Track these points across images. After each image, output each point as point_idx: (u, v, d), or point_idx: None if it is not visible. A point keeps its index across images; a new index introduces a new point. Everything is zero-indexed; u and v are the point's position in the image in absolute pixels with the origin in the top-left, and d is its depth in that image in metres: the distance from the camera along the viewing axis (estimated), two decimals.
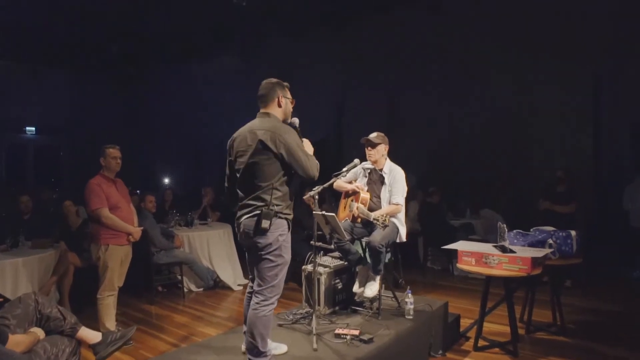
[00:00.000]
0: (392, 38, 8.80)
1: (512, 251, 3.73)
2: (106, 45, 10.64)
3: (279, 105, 2.80)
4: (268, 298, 2.64)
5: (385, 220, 3.30)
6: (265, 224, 2.56)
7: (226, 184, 2.89)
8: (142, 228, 4.44)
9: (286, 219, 2.69)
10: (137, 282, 5.71)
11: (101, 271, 4.10)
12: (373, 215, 3.37)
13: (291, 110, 2.88)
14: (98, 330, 3.51)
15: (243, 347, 2.90)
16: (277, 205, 2.62)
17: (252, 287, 2.82)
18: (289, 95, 2.85)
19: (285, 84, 2.87)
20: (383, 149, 3.77)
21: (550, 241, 4.01)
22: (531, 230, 4.23)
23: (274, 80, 2.83)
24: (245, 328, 2.84)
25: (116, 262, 4.11)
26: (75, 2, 8.40)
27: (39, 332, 2.65)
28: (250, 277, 2.89)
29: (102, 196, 4.05)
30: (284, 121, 2.81)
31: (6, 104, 12.79)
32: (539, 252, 3.74)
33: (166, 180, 11.47)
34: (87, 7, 8.63)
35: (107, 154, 4.20)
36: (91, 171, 4.29)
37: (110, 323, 4.13)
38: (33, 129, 13.93)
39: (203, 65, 11.99)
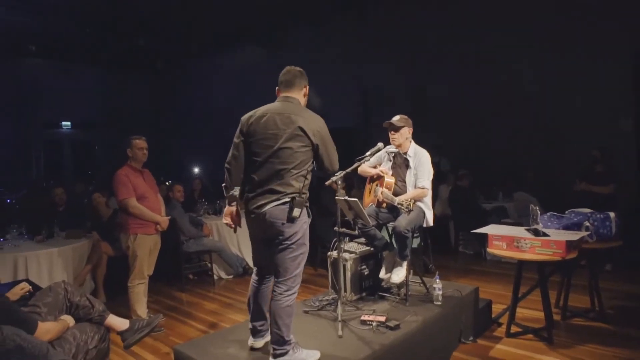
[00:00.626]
0: (418, 22, 8.59)
1: (545, 234, 3.58)
2: (136, 40, 10.82)
3: (304, 95, 2.79)
4: (291, 287, 2.60)
5: (410, 204, 3.21)
6: (296, 212, 2.50)
7: (230, 165, 2.68)
8: (169, 217, 4.48)
9: (308, 207, 2.65)
10: (168, 270, 5.82)
11: (131, 260, 4.18)
12: (397, 199, 3.28)
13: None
14: (130, 317, 3.59)
15: (251, 341, 2.89)
16: (304, 193, 2.57)
17: (257, 278, 2.82)
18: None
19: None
20: (407, 131, 3.66)
21: (587, 224, 3.83)
22: (566, 212, 4.05)
23: (299, 69, 2.81)
24: (250, 325, 2.85)
25: (145, 251, 4.18)
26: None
27: (69, 320, 2.72)
28: (256, 268, 2.86)
29: (129, 186, 4.11)
30: None
31: (42, 101, 13.23)
32: (574, 235, 3.57)
33: (195, 170, 11.62)
34: (117, 4, 8.79)
35: (133, 144, 4.25)
36: (123, 164, 4.36)
37: (142, 310, 4.21)
38: (69, 124, 14.35)
39: (230, 56, 12.03)
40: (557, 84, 7.07)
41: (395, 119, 3.67)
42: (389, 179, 3.63)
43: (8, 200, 8.39)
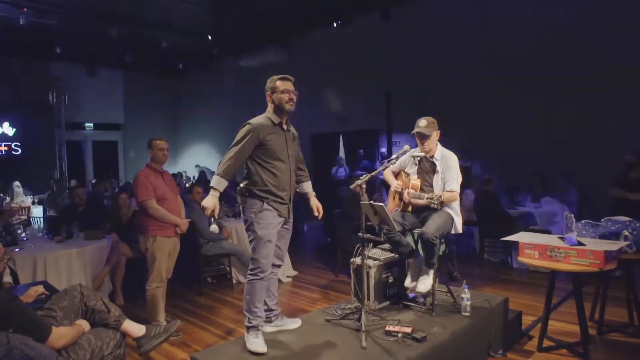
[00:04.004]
0: (442, 21, 8.42)
1: (581, 243, 3.38)
2: (157, 43, 10.91)
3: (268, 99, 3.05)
4: (251, 268, 2.94)
5: (440, 198, 3.08)
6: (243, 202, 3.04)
7: (236, 164, 2.90)
8: (189, 220, 4.41)
9: (262, 200, 2.99)
10: (186, 273, 5.76)
11: (149, 262, 4.10)
12: (427, 195, 3.14)
13: (284, 100, 2.97)
14: (147, 321, 3.51)
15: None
16: (255, 188, 2.98)
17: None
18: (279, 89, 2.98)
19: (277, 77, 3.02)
20: (435, 136, 3.50)
21: (626, 233, 3.60)
22: (602, 220, 3.82)
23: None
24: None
25: (164, 253, 4.10)
26: (127, 5, 8.64)
27: (84, 325, 2.64)
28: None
29: (149, 188, 4.04)
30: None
31: (67, 103, 13.45)
32: (613, 245, 3.36)
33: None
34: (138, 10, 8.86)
35: (154, 145, 4.19)
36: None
37: (160, 314, 4.14)
38: (91, 125, 14.54)
39: (251, 58, 11.99)
40: (588, 85, 6.82)
41: (422, 124, 3.47)
42: (415, 181, 3.48)
43: (34, 200, 8.46)
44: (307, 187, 3.28)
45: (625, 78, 6.48)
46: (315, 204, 3.23)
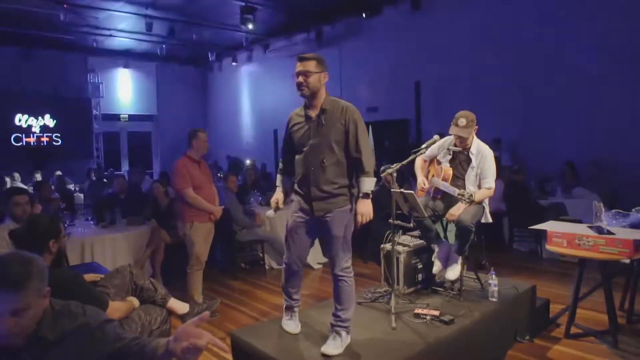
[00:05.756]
0: (474, 11, 8.36)
1: (610, 232, 3.42)
2: (190, 35, 11.18)
3: None
4: None
5: (471, 195, 3.13)
6: None
7: (284, 155, 2.99)
8: (222, 207, 4.62)
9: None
10: (221, 259, 6.00)
11: (189, 247, 4.35)
12: (459, 191, 3.20)
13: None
14: (186, 301, 3.73)
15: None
16: None
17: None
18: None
19: None
20: (473, 131, 3.49)
21: None
22: (633, 210, 3.83)
23: None
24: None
25: (201, 238, 4.33)
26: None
27: (135, 301, 2.86)
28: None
29: (187, 177, 4.26)
30: None
31: (103, 95, 13.96)
32: None
33: (248, 161, 11.87)
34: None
35: (199, 137, 4.40)
36: (178, 155, 4.53)
37: (198, 295, 4.38)
38: (126, 116, 15.01)
39: (279, 50, 12.14)
40: (620, 74, 6.69)
41: (462, 124, 3.39)
42: (447, 170, 3.53)
43: (74, 189, 8.87)
44: (361, 184, 2.71)
45: None
46: (360, 210, 2.69)
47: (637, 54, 6.56)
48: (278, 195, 2.99)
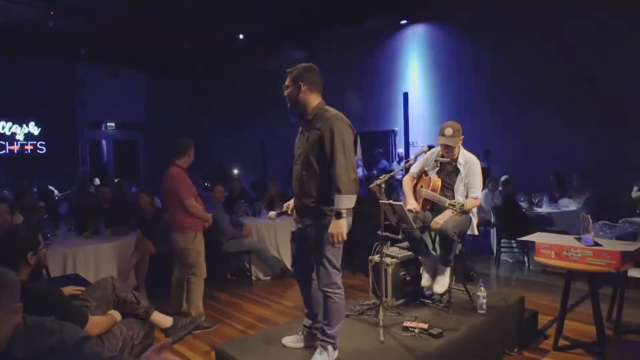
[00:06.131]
0: (458, 24, 8.45)
1: (597, 244, 3.42)
2: (179, 46, 11.14)
3: None
4: None
5: (463, 205, 3.11)
6: None
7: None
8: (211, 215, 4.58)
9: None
10: (207, 270, 5.89)
11: (194, 257, 4.31)
12: (449, 201, 3.18)
13: None
14: (171, 314, 3.66)
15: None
16: None
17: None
18: None
19: None
20: (459, 141, 3.50)
21: None
22: (620, 221, 3.86)
23: None
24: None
25: (203, 247, 4.39)
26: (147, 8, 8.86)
27: (116, 315, 2.78)
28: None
29: (191, 187, 4.31)
30: None
31: (89, 103, 13.80)
32: (629, 246, 3.40)
33: (235, 171, 11.81)
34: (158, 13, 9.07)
35: (192, 147, 4.39)
36: (165, 164, 4.46)
37: (201, 305, 4.35)
38: (112, 124, 14.86)
39: (269, 60, 12.13)
40: (606, 87, 6.79)
41: (448, 133, 3.41)
42: (436, 180, 3.53)
43: (57, 197, 8.72)
44: (335, 202, 2.52)
45: None
46: (330, 229, 2.52)
47: (623, 70, 6.66)
48: (292, 201, 2.91)
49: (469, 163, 3.50)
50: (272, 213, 3.13)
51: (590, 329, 3.73)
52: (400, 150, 9.71)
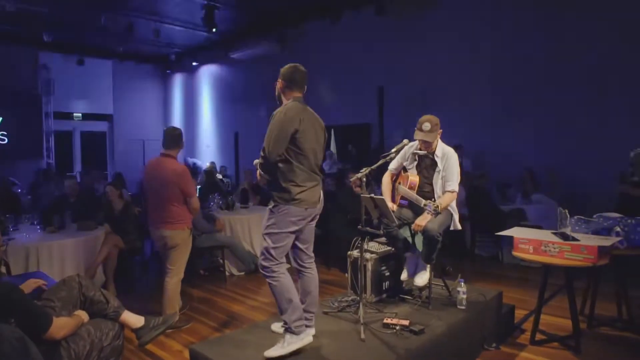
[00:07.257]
0: (435, 17, 8.44)
1: (574, 239, 3.44)
2: (148, 34, 10.79)
3: None
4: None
5: (437, 207, 3.05)
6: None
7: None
8: None
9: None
10: None
11: (180, 254, 4.10)
12: (424, 202, 3.12)
13: None
14: (155, 312, 3.51)
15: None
16: None
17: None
18: None
19: None
20: (437, 135, 3.44)
21: (618, 229, 3.67)
22: (594, 216, 3.89)
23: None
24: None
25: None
26: None
27: (83, 315, 2.62)
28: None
29: (194, 181, 4.17)
30: None
31: (55, 92, 13.24)
32: (606, 241, 3.44)
33: (207, 164, 11.57)
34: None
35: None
36: (135, 156, 4.26)
37: (177, 305, 4.14)
38: (80, 115, 14.32)
39: (243, 52, 11.90)
40: (579, 83, 6.89)
41: (426, 128, 3.35)
42: (413, 177, 3.48)
43: (19, 190, 8.33)
44: None
45: (619, 77, 6.56)
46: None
47: (591, 69, 6.76)
48: None
49: (446, 155, 3.45)
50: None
51: (564, 323, 3.77)
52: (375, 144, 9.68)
